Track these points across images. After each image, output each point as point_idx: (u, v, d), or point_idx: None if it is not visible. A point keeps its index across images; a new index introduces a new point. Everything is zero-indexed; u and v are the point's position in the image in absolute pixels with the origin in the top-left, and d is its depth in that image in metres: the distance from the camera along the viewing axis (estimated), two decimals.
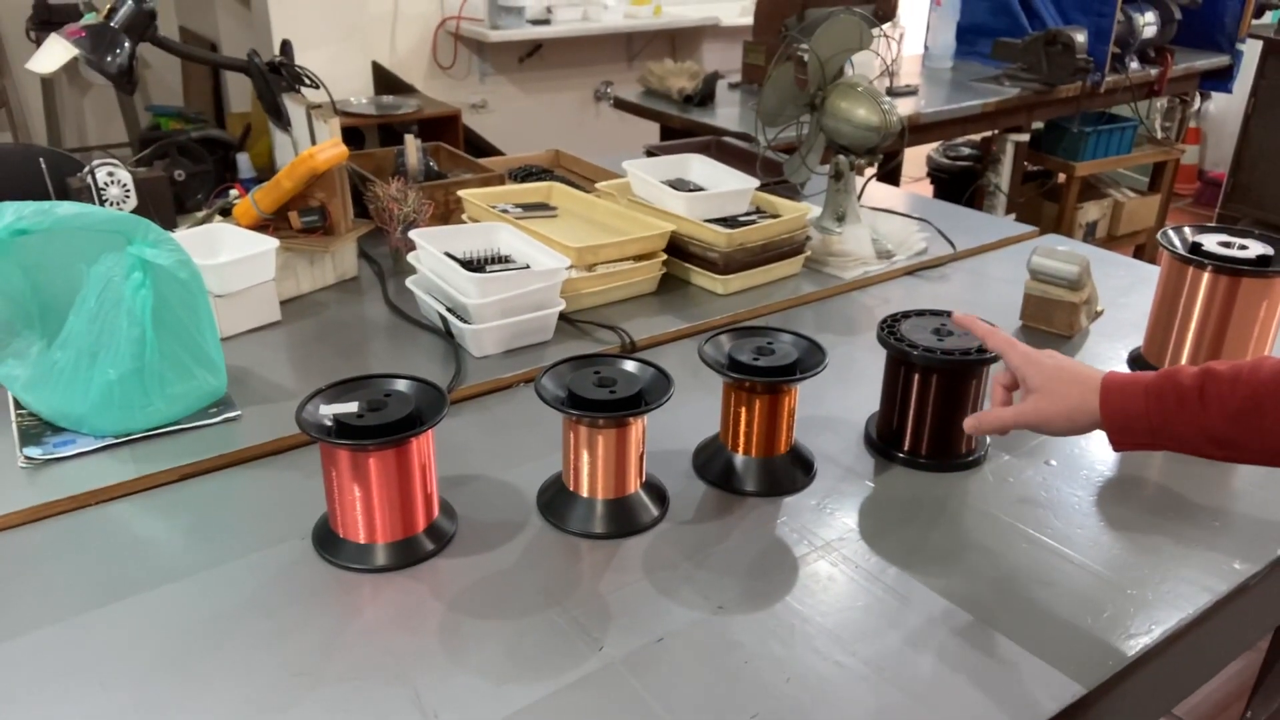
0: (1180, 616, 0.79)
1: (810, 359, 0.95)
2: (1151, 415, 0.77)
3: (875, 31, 1.52)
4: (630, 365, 0.91)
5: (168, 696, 0.70)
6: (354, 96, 3.61)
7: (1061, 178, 3.38)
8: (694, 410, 1.06)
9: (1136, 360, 1.22)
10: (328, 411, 0.83)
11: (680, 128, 2.55)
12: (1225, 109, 4.99)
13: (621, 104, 2.79)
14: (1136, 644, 0.76)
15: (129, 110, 4.37)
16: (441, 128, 3.48)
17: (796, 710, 0.69)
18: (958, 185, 3.44)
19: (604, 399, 0.86)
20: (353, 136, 3.50)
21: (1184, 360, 1.16)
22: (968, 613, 0.79)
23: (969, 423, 0.88)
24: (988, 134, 3.03)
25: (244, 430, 1.03)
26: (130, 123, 4.42)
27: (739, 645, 0.75)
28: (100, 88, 4.47)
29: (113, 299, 0.97)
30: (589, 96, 4.45)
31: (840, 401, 1.10)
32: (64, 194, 1.43)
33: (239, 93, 4.27)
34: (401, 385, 0.87)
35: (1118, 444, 0.81)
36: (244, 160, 3.01)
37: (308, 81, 1.56)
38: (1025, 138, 3.01)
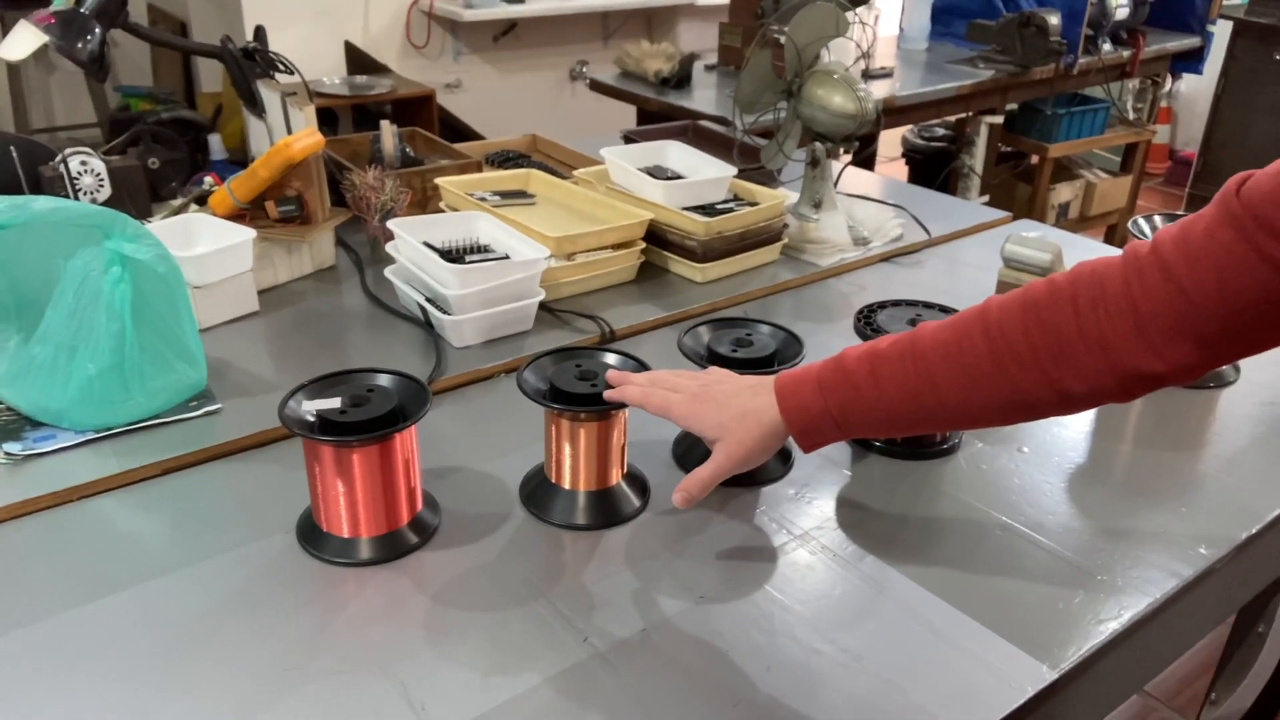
0: (1149, 601, 0.81)
1: (788, 350, 0.96)
2: (830, 408, 0.78)
3: (851, 17, 1.52)
4: (611, 358, 0.92)
5: (158, 692, 0.70)
6: (326, 77, 3.57)
7: (1034, 159, 3.41)
8: None
9: None
10: (310, 407, 0.84)
11: (657, 110, 2.54)
12: (1195, 89, 5.05)
13: (598, 86, 2.78)
14: (1106, 628, 0.78)
15: (97, 91, 4.30)
16: (416, 108, 3.45)
17: (777, 698, 0.71)
18: (932, 166, 3.46)
19: (586, 392, 0.87)
20: (326, 118, 3.47)
21: None
22: (943, 599, 0.81)
23: (678, 498, 0.82)
24: (962, 116, 3.05)
25: (225, 423, 1.03)
26: (99, 104, 4.36)
27: (720, 634, 0.77)
28: (68, 69, 4.39)
29: (91, 293, 0.96)
30: (564, 76, 4.42)
31: None
32: (36, 183, 1.42)
33: (209, 73, 4.21)
34: (384, 380, 0.87)
35: (807, 446, 0.80)
36: (216, 141, 2.98)
37: (282, 68, 1.55)
38: (999, 119, 3.04)
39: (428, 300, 1.21)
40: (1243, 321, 0.65)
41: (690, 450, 0.99)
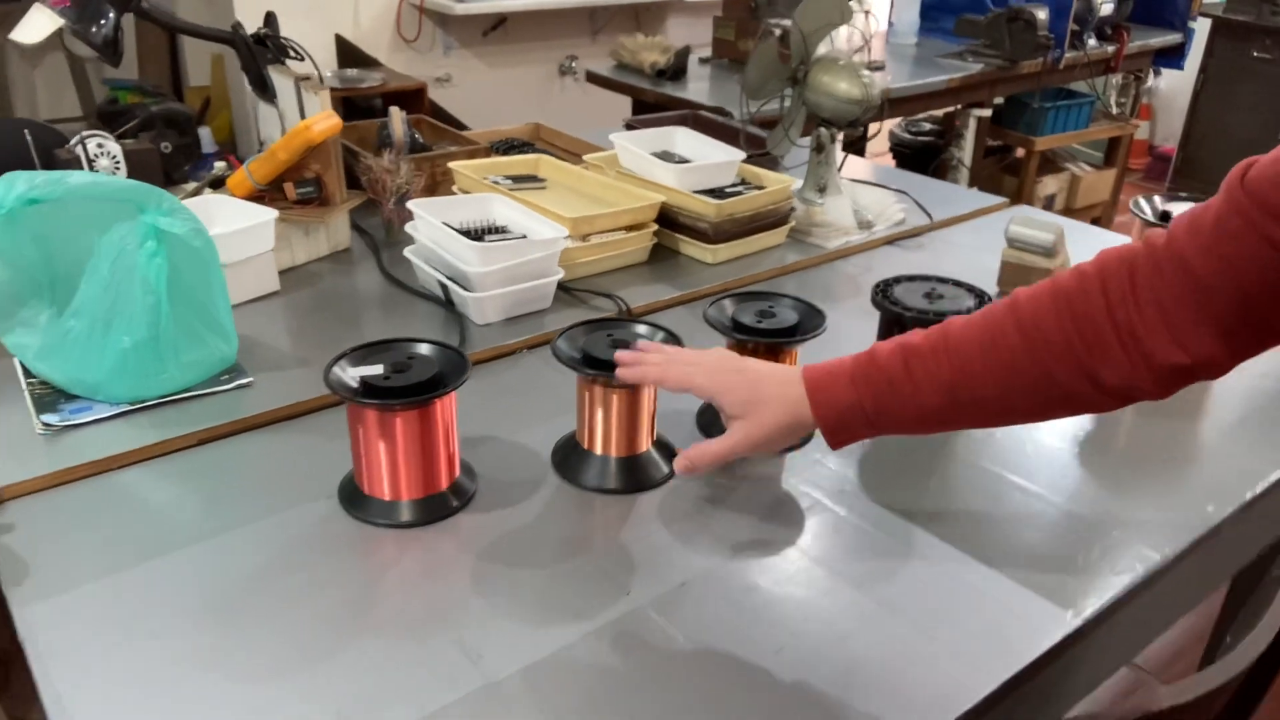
0: (1163, 554, 0.85)
1: (810, 321, 0.99)
2: (864, 402, 0.76)
3: (854, 5, 1.56)
4: (642, 328, 0.95)
5: (218, 644, 0.72)
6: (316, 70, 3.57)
7: (1020, 152, 3.47)
8: None
9: None
10: (354, 373, 0.86)
11: (654, 101, 2.57)
12: (1174, 86, 5.13)
13: (594, 78, 2.81)
14: (1123, 580, 0.81)
15: (83, 84, 4.27)
16: (406, 102, 3.43)
17: (817, 644, 0.74)
18: (920, 160, 3.51)
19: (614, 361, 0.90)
20: None
21: None
22: (967, 554, 0.84)
23: (680, 464, 0.82)
24: (951, 109, 3.10)
25: (256, 396, 1.04)
26: (84, 96, 4.32)
27: (757, 588, 0.80)
28: (52, 59, 4.36)
29: (126, 267, 0.98)
30: (554, 71, 4.44)
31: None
32: (50, 166, 1.42)
33: (197, 67, 4.21)
34: (424, 349, 0.90)
35: (835, 442, 0.78)
36: (205, 134, 2.98)
37: (293, 54, 1.57)
38: (988, 113, 3.08)
39: (449, 279, 1.23)
40: (1259, 309, 0.65)
41: (715, 421, 1.02)
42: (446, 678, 0.70)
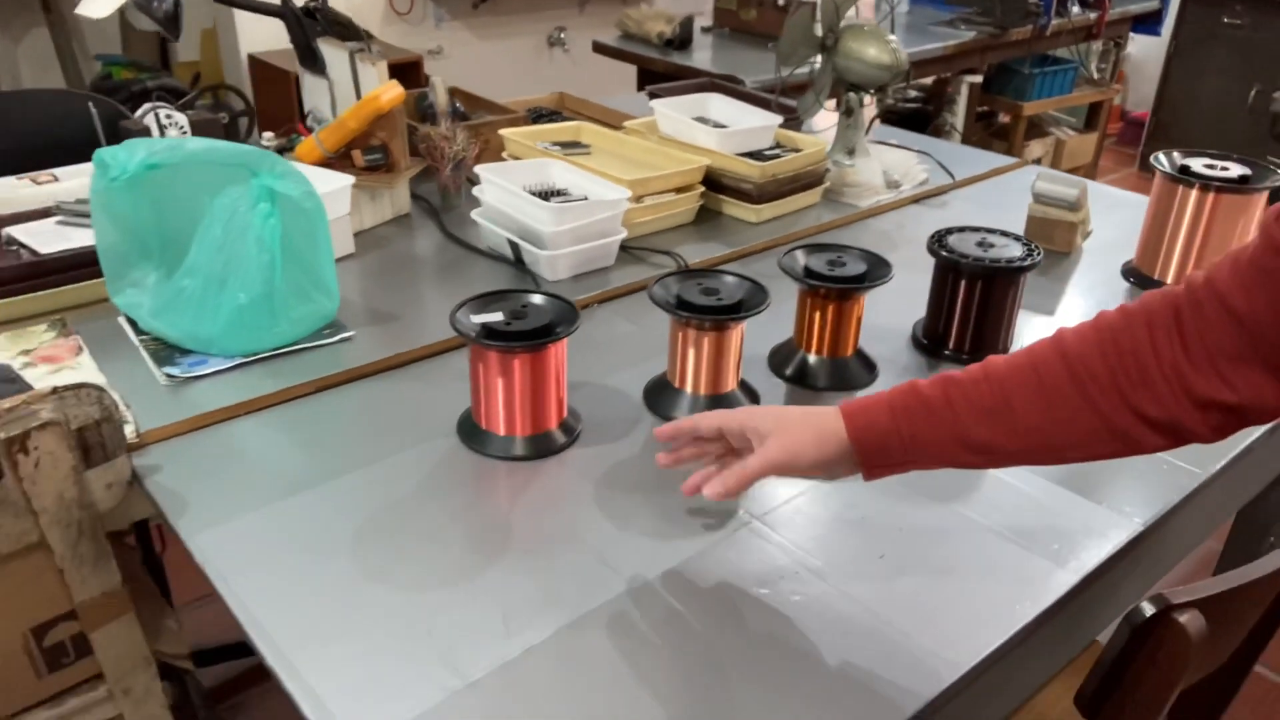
0: (1206, 472, 0.95)
1: (877, 270, 1.08)
2: (901, 429, 0.74)
3: None
4: (730, 278, 1.03)
5: (380, 562, 0.80)
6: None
7: (1005, 118, 3.57)
8: (759, 319, 1.18)
9: (1131, 271, 1.38)
10: (475, 319, 0.93)
11: (663, 71, 2.64)
12: (1145, 53, 5.25)
13: (601, 48, 2.86)
14: (1178, 495, 0.92)
15: (68, 58, 4.24)
16: (401, 75, 3.47)
17: (915, 550, 0.83)
18: (908, 126, 3.60)
19: (710, 304, 0.98)
20: None
21: (1172, 270, 1.33)
22: (1036, 474, 0.94)
23: (712, 490, 0.78)
24: (943, 76, 3.19)
25: (358, 348, 1.12)
26: (70, 71, 4.29)
27: (855, 504, 0.89)
28: (35, 34, 4.32)
29: (239, 228, 1.04)
30: (542, 43, 4.47)
31: (877, 312, 1.24)
32: (116, 137, 1.47)
33: (186, 41, 4.19)
34: (537, 299, 0.97)
35: (870, 469, 0.76)
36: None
37: (343, 26, 1.62)
38: (979, 79, 3.18)
39: (518, 238, 1.30)
40: None
41: (786, 360, 1.11)
42: (593, 584, 0.79)
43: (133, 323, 1.13)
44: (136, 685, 0.99)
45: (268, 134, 1.72)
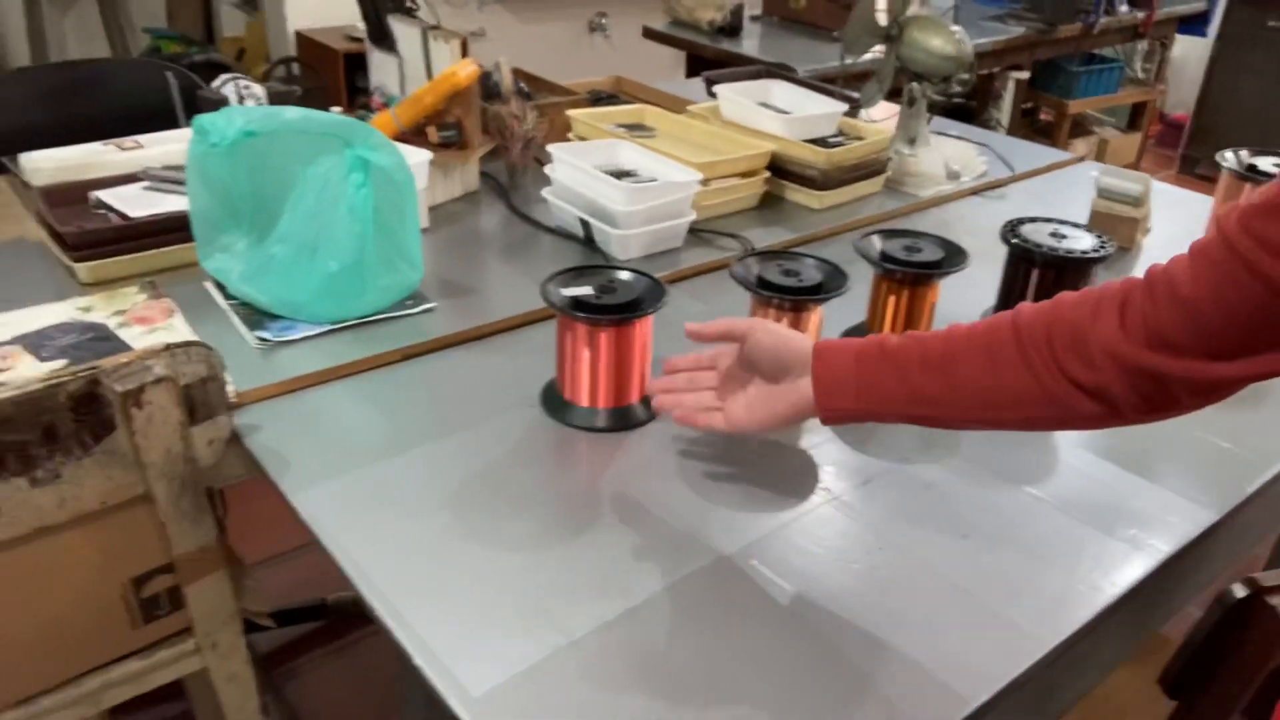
0: (1259, 476, 0.96)
1: (953, 258, 1.10)
2: (861, 376, 0.79)
3: None
4: (810, 260, 1.05)
5: (478, 523, 0.83)
6: (358, 22, 3.61)
7: (1045, 116, 3.56)
8: (830, 304, 1.20)
9: None
10: (565, 292, 0.96)
11: (712, 57, 2.65)
12: (1186, 54, 5.21)
13: (652, 34, 2.88)
14: (1250, 488, 0.93)
15: (114, 30, 4.29)
16: None
17: (994, 530, 0.85)
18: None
19: (790, 285, 1.00)
20: (358, 62, 3.52)
21: None
22: (1113, 464, 0.95)
23: (683, 417, 0.88)
24: (989, 72, 3.19)
25: (441, 319, 1.14)
26: (117, 44, 4.34)
27: (933, 485, 0.91)
28: (83, 5, 4.37)
29: (331, 197, 1.07)
30: (583, 28, 4.48)
31: (944, 300, 1.25)
32: (194, 106, 1.50)
33: (231, 17, 4.23)
34: (624, 275, 0.99)
35: (826, 410, 0.81)
36: None
37: (414, 3, 1.64)
38: (1026, 75, 3.17)
39: (590, 217, 1.32)
40: (1246, 334, 0.66)
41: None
42: (683, 552, 0.81)
43: (220, 287, 1.16)
44: (223, 640, 1.02)
45: (335, 108, 1.74)
